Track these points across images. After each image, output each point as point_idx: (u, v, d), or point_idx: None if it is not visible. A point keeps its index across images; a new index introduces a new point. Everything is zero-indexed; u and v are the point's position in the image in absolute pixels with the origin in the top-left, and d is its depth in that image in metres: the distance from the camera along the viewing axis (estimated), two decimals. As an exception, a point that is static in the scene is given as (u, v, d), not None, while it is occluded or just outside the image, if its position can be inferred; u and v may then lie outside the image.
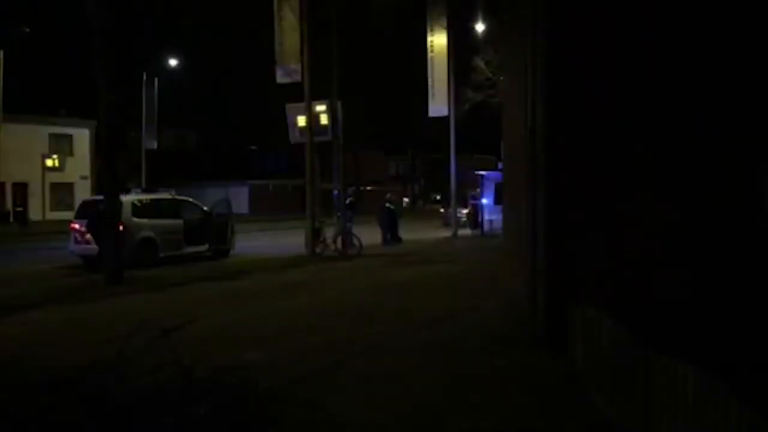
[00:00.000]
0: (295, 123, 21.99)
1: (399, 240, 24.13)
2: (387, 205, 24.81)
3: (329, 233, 20.81)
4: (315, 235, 20.29)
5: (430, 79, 28.02)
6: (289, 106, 22.22)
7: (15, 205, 41.15)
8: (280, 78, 21.63)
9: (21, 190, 41.94)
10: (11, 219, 39.59)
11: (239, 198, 49.88)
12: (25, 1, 45.03)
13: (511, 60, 10.42)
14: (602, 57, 7.63)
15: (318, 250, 20.00)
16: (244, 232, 23.29)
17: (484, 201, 28.05)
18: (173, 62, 42.00)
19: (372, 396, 6.40)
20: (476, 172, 30.59)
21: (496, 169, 26.09)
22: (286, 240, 23.74)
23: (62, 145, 44.53)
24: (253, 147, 62.79)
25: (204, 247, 19.22)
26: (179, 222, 18.50)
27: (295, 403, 6.16)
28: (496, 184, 25.13)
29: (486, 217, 27.63)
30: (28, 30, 45.74)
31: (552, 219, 7.79)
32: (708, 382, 3.97)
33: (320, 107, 21.45)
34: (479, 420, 5.75)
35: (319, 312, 10.79)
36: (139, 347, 8.20)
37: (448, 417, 5.86)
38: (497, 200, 24.50)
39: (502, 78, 15.53)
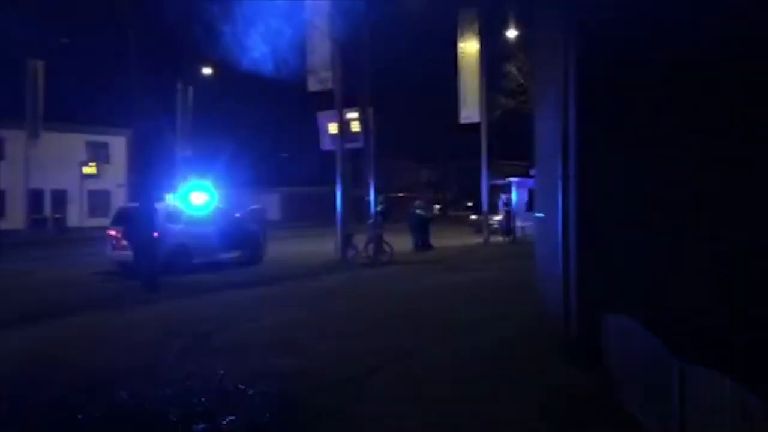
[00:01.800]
0: (326, 130, 22.16)
1: (430, 247, 24.08)
2: (417, 211, 24.79)
3: (360, 240, 20.87)
4: (346, 242, 20.36)
5: (461, 86, 27.99)
6: (321, 114, 22.39)
7: (54, 212, 41.98)
8: (312, 86, 21.79)
9: (59, 197, 42.82)
10: (50, 226, 40.41)
11: (271, 205, 50.27)
12: (64, 13, 46.05)
13: (543, 66, 10.36)
14: (637, 64, 7.55)
15: (349, 256, 20.06)
16: (275, 239, 23.44)
17: (515, 204, 27.91)
18: (207, 70, 42.53)
19: (404, 404, 6.39)
20: (508, 179, 30.42)
21: (528, 175, 25.94)
22: (318, 247, 23.87)
23: (99, 153, 45.40)
24: (285, 154, 63.31)
25: (237, 254, 19.40)
26: (213, 229, 18.72)
27: (328, 410, 6.18)
28: (528, 190, 24.98)
29: (518, 223, 27.47)
30: (67, 41, 46.75)
31: (584, 226, 7.73)
32: (744, 392, 3.90)
33: (351, 114, 21.60)
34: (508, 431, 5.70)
35: (350, 319, 10.82)
36: (172, 353, 8.33)
37: (478, 427, 5.83)
38: (529, 207, 24.35)
39: (532, 82, 15.46)
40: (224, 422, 5.79)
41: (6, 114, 38.28)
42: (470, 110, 27.79)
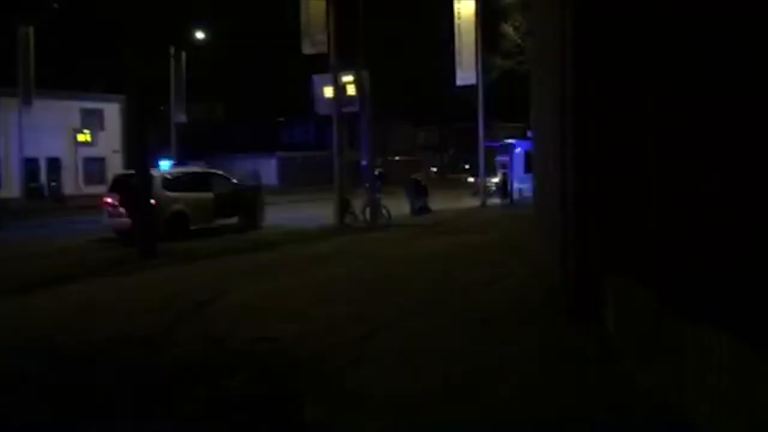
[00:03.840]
0: (321, 94, 21.94)
1: (428, 210, 24.08)
2: (413, 176, 24.81)
3: (358, 204, 20.82)
4: (343, 207, 20.32)
5: (457, 47, 27.69)
6: (316, 78, 22.16)
7: (49, 180, 41.81)
8: (307, 49, 21.51)
9: (54, 165, 42.57)
10: (46, 194, 40.27)
11: (267, 170, 50.16)
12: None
13: (540, 24, 10.23)
14: (636, 16, 7.41)
15: (347, 221, 20.04)
16: (272, 204, 23.39)
17: (512, 166, 27.84)
18: (200, 35, 41.97)
19: (401, 367, 6.40)
20: (505, 141, 30.29)
21: (525, 137, 25.83)
22: (315, 212, 23.82)
23: (93, 120, 45.01)
24: (281, 119, 62.92)
25: (234, 220, 19.39)
26: (209, 195, 18.65)
27: (325, 374, 6.21)
28: (525, 152, 24.88)
29: (516, 185, 27.42)
30: (57, 6, 46.10)
31: (582, 185, 7.67)
32: (744, 348, 3.91)
33: (347, 78, 21.35)
34: (506, 391, 5.72)
35: (348, 283, 10.82)
36: (172, 319, 8.35)
37: (475, 389, 5.85)
38: (527, 168, 24.28)
39: (530, 43, 15.22)
40: (223, 386, 5.81)
41: (-3, 81, 37.89)
42: (467, 72, 27.56)
